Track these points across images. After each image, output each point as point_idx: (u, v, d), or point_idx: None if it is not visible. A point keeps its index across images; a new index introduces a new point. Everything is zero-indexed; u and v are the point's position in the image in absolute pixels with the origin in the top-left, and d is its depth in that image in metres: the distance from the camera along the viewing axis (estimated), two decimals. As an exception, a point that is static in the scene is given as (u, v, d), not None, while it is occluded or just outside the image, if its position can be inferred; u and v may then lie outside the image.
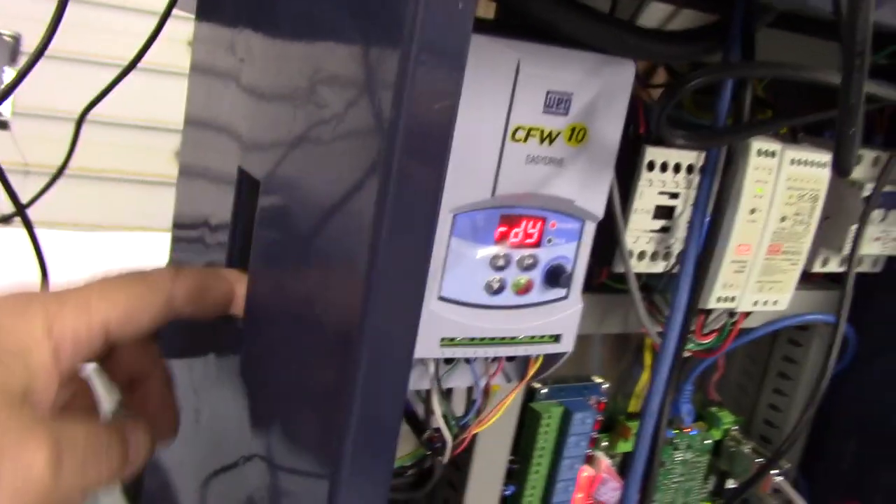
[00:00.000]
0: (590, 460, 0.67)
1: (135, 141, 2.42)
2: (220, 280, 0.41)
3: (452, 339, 0.43)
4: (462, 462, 0.61)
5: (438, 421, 0.45)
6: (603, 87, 0.42)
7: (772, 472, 0.68)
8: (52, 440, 0.33)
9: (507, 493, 0.64)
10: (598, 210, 0.45)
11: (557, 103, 0.41)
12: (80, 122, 0.55)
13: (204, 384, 0.48)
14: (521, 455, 0.64)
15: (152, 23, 0.55)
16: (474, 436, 0.60)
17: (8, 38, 1.90)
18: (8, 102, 1.85)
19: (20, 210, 0.51)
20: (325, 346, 0.36)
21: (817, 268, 0.63)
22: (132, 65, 0.51)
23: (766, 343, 0.74)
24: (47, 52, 0.49)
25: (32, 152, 1.89)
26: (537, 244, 0.44)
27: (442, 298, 0.42)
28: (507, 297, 0.44)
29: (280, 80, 0.40)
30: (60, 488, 0.33)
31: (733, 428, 0.73)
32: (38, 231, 0.54)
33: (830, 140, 0.59)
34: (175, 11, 0.54)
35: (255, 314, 0.42)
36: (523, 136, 0.41)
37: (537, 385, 0.63)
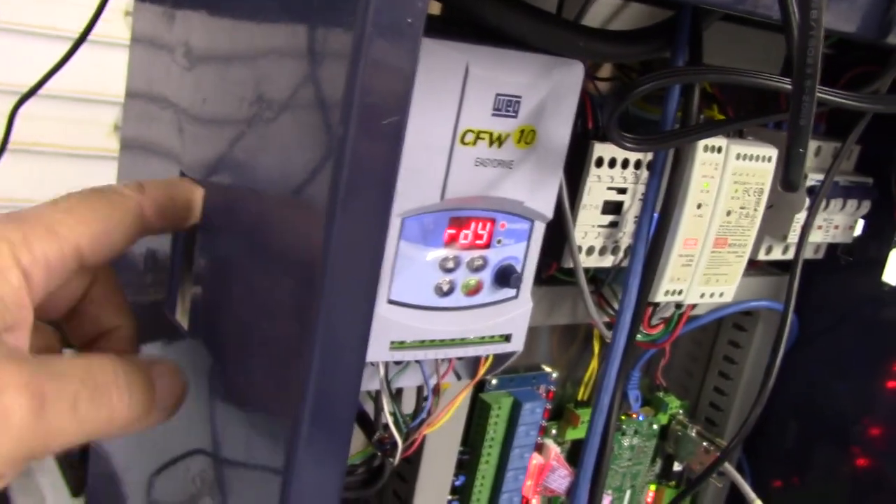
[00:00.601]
0: (539, 448, 0.67)
1: (72, 114, 2.35)
2: (181, 188, 0.38)
3: (402, 342, 0.43)
4: (412, 455, 0.62)
5: (388, 422, 0.45)
6: (552, 89, 0.42)
7: (713, 451, 0.70)
8: (31, 378, 0.30)
9: (457, 483, 0.64)
10: (548, 210, 0.45)
11: (507, 106, 0.41)
12: (16, 108, 0.53)
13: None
14: (470, 446, 0.64)
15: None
16: (424, 429, 0.60)
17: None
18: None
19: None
20: (276, 343, 0.36)
21: (761, 255, 0.64)
22: (77, 44, 0.49)
23: (712, 328, 0.75)
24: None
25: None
26: (487, 245, 0.44)
27: (392, 302, 0.42)
28: (457, 299, 0.44)
29: (222, 59, 0.39)
30: (49, 433, 0.30)
31: (679, 412, 0.74)
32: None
33: (774, 132, 0.60)
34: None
35: (198, 314, 0.41)
36: (472, 140, 0.41)
37: (487, 376, 0.63)
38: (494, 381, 0.64)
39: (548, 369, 0.67)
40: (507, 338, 0.46)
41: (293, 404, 0.34)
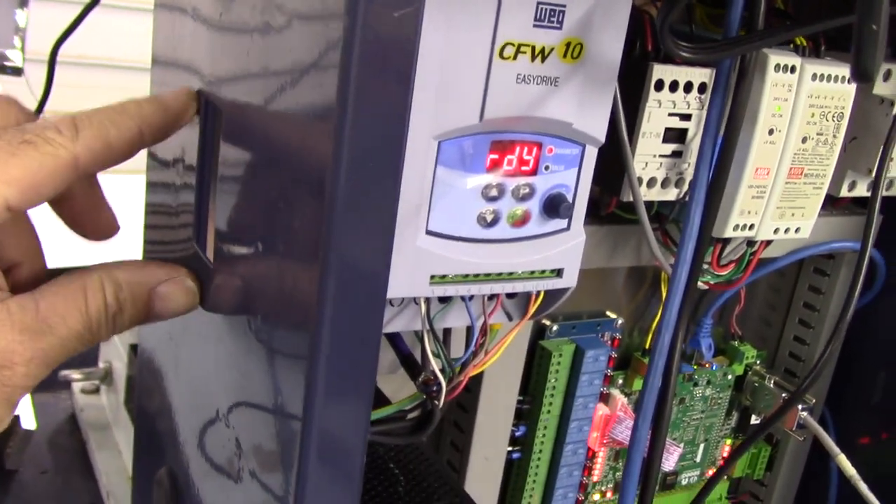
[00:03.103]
0: (605, 399, 0.64)
1: (123, 82, 2.38)
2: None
3: (444, 277, 0.40)
4: (468, 404, 0.59)
5: (431, 362, 0.43)
6: (600, -2, 0.38)
7: (797, 406, 0.65)
8: (29, 337, 0.33)
9: (517, 433, 0.62)
10: (600, 133, 0.41)
11: (549, 16, 0.38)
12: (52, 57, 0.52)
13: (177, 328, 0.46)
14: (531, 395, 0.61)
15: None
16: (480, 376, 0.58)
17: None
18: (19, 49, 1.83)
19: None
20: (291, 272, 0.33)
21: (844, 192, 0.60)
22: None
23: (791, 273, 0.70)
24: None
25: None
26: (533, 172, 0.41)
27: (430, 233, 0.39)
28: (502, 230, 0.41)
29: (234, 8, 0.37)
30: (47, 370, 0.33)
31: (756, 362, 0.70)
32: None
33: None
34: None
35: (221, 246, 0.39)
36: (512, 54, 0.37)
37: (547, 322, 0.61)
38: (555, 328, 0.61)
39: (613, 315, 0.63)
40: (558, 272, 0.43)
41: (310, 333, 0.31)
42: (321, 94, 0.30)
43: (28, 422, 0.93)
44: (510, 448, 0.62)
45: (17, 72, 1.87)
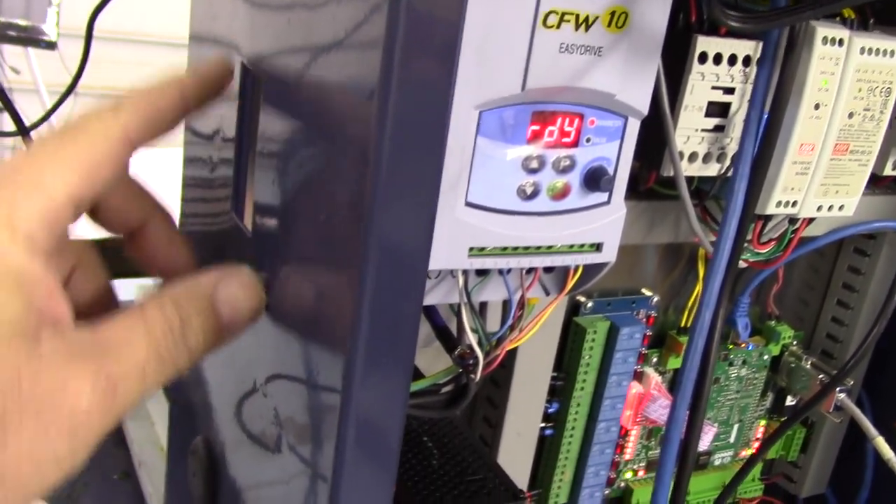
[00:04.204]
0: (639, 377, 0.64)
1: (158, 57, 2.38)
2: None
3: (482, 249, 0.40)
4: (502, 379, 0.59)
5: (468, 336, 0.42)
6: (646, -35, 0.37)
7: (835, 389, 0.64)
8: (97, 370, 0.29)
9: (550, 410, 0.61)
10: (643, 105, 0.41)
11: (595, -17, 0.37)
12: (89, 30, 0.51)
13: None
14: (564, 371, 0.61)
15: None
16: (514, 352, 0.58)
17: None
18: (53, 23, 1.84)
19: (23, 133, 0.48)
20: (332, 243, 0.33)
21: (888, 171, 0.58)
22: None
23: (830, 253, 0.69)
24: None
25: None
26: (575, 144, 0.40)
27: (469, 204, 0.39)
28: (542, 203, 0.41)
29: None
30: (123, 406, 0.30)
31: (793, 343, 0.69)
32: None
33: (906, 27, 0.53)
34: None
35: (260, 217, 0.39)
36: (556, 22, 0.37)
37: (582, 298, 0.60)
38: (590, 304, 0.60)
39: (648, 293, 0.63)
40: (597, 247, 0.43)
41: (350, 309, 0.31)
42: (365, 68, 0.29)
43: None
44: (543, 424, 0.62)
45: (51, 46, 1.88)
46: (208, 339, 0.33)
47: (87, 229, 0.36)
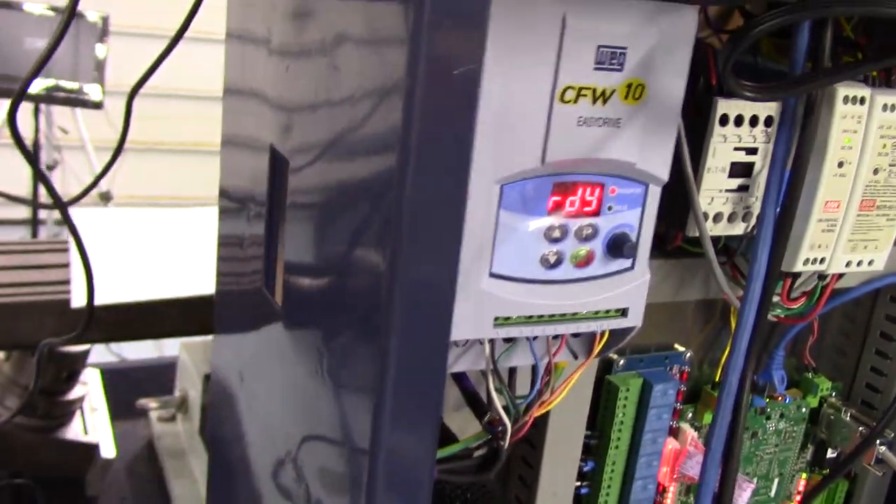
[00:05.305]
0: (675, 433, 0.63)
1: (201, 111, 2.44)
2: None
3: (507, 318, 0.41)
4: (536, 439, 0.59)
5: (496, 403, 0.43)
6: (661, 38, 0.38)
7: (876, 441, 0.63)
8: None
9: (585, 468, 0.61)
10: (663, 172, 0.41)
11: (611, 58, 0.38)
12: (129, 103, 0.54)
13: (249, 365, 0.47)
14: (598, 429, 0.61)
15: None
16: (547, 411, 0.58)
17: (97, 19, 1.93)
18: (98, 85, 1.89)
19: (62, 208, 0.50)
20: (358, 312, 0.34)
21: (920, 221, 0.58)
22: (177, 38, 0.49)
23: (866, 302, 0.68)
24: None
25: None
26: (596, 213, 0.41)
27: (493, 275, 0.40)
28: (566, 271, 0.41)
29: (303, 51, 0.38)
30: None
31: (831, 394, 0.68)
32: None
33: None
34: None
35: (289, 289, 0.40)
36: (573, 97, 0.38)
37: (615, 356, 0.60)
38: (622, 362, 0.60)
39: (681, 349, 0.63)
40: (623, 312, 0.43)
41: (377, 370, 0.32)
42: (383, 162, 0.31)
43: (108, 450, 0.96)
44: (578, 483, 0.61)
45: (98, 106, 1.93)
46: None
47: (111, 293, 0.38)
